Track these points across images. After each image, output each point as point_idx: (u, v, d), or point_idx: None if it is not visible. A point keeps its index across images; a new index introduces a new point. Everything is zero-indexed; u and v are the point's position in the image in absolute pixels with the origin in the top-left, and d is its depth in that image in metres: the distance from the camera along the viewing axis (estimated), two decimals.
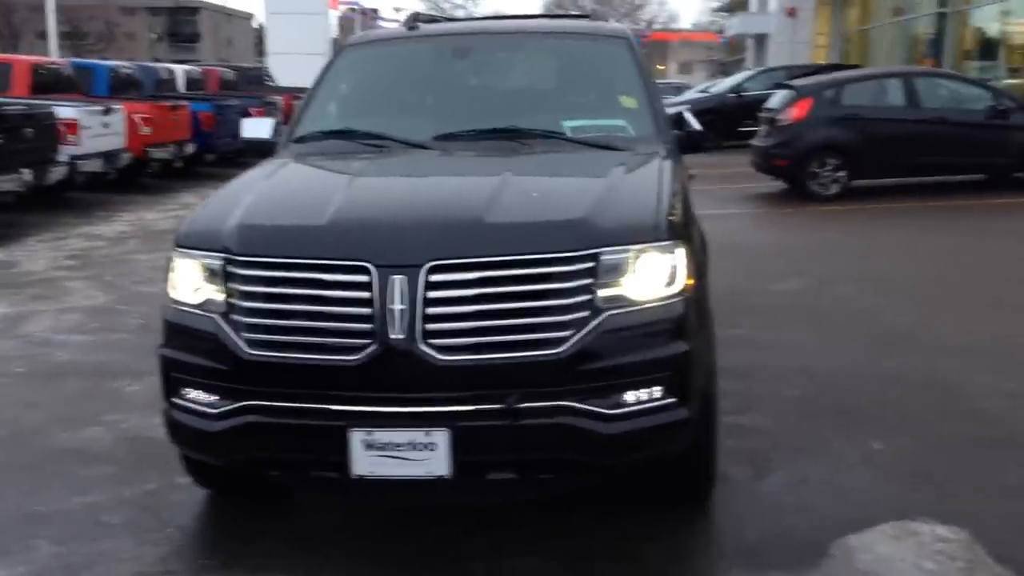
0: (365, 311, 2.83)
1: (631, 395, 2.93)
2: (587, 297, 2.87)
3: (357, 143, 4.03)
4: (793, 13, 33.20)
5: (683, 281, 3.01)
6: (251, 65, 26.25)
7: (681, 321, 3.00)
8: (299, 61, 22.58)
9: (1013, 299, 6.85)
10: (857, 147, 12.01)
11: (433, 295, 2.82)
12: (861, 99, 12.53)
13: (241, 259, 2.97)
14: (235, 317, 2.96)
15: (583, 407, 2.87)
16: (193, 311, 3.06)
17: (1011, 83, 18.40)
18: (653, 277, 2.96)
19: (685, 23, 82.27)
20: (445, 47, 4.64)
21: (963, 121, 12.19)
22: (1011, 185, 12.49)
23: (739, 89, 20.58)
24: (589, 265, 2.88)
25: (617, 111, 4.26)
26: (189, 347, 3.08)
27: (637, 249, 2.94)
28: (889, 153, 12.01)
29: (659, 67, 79.23)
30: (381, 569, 3.24)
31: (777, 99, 13.13)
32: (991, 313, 6.42)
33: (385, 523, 3.59)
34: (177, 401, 3.11)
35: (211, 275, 3.03)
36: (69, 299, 7.38)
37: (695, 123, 4.22)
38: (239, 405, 2.95)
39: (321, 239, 2.97)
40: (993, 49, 21.30)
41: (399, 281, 2.81)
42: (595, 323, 2.86)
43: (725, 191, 13.29)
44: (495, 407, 2.82)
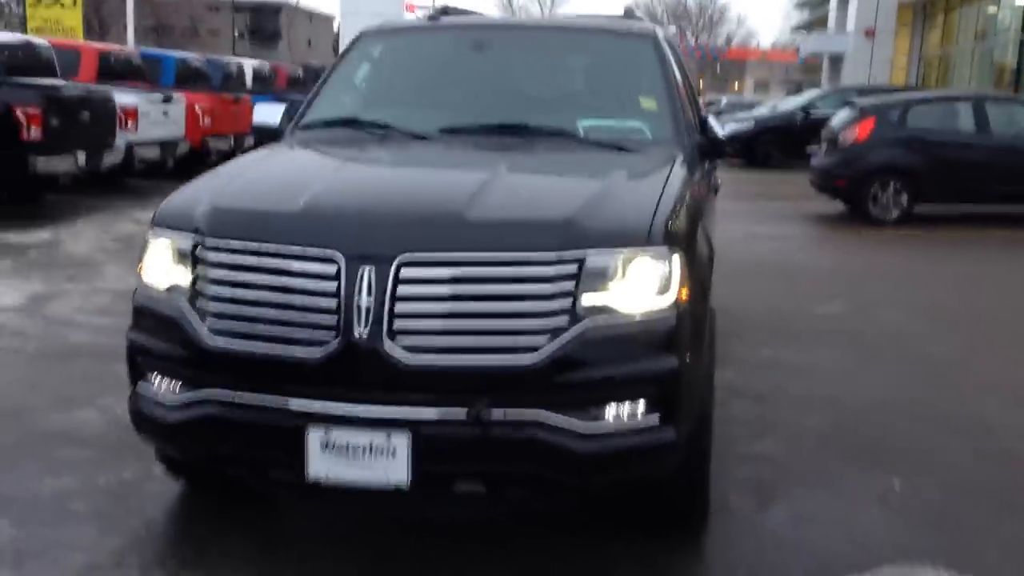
0: (331, 303, 2.67)
1: (611, 412, 2.72)
2: (567, 302, 2.66)
3: (361, 132, 3.89)
4: (871, 34, 32.41)
5: (677, 291, 2.78)
6: (320, 63, 26.48)
7: (671, 334, 2.76)
8: None
9: None
10: (921, 170, 11.52)
11: (404, 291, 2.65)
12: (927, 121, 12.03)
13: (210, 241, 2.84)
14: (201, 303, 2.82)
15: (557, 422, 2.66)
16: (160, 294, 2.93)
17: None
18: (643, 285, 2.73)
19: (765, 41, 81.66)
20: (464, 40, 4.47)
21: None
22: None
23: (808, 107, 20.09)
24: (571, 269, 2.67)
25: (636, 112, 4.05)
26: (154, 332, 2.94)
27: (626, 253, 2.73)
28: (954, 178, 11.52)
29: (736, 84, 78.63)
30: None
31: (840, 118, 12.65)
32: None
33: (355, 531, 3.41)
34: (139, 389, 2.99)
35: (180, 257, 2.89)
36: (102, 281, 7.39)
37: (719, 129, 4.02)
38: (199, 397, 2.81)
39: (291, 225, 2.81)
40: None
41: (368, 273, 2.65)
42: (574, 331, 2.65)
43: (783, 209, 12.95)
44: (461, 414, 2.64)
